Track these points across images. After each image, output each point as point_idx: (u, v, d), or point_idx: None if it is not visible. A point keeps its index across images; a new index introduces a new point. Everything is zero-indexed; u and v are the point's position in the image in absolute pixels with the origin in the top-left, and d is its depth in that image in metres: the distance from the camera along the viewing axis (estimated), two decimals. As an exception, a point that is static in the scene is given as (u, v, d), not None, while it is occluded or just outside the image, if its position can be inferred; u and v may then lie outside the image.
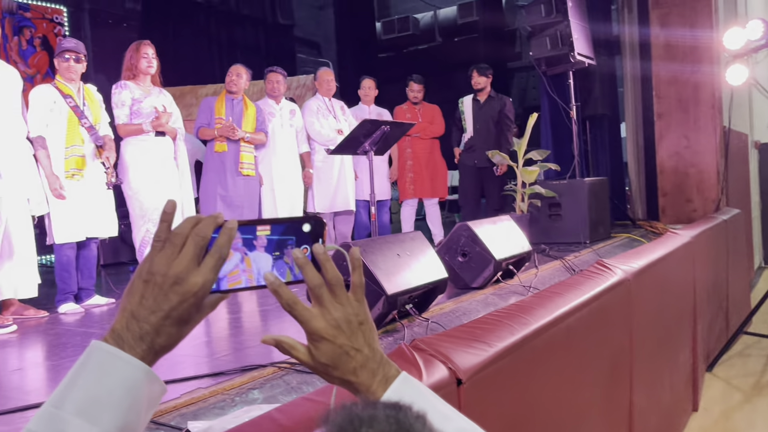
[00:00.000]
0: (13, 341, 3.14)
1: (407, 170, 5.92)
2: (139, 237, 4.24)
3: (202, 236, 0.70)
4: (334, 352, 0.76)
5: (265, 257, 0.78)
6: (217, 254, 0.70)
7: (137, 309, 0.68)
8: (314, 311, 0.76)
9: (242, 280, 0.77)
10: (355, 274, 0.80)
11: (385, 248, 2.91)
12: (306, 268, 0.76)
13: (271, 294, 0.76)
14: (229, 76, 4.74)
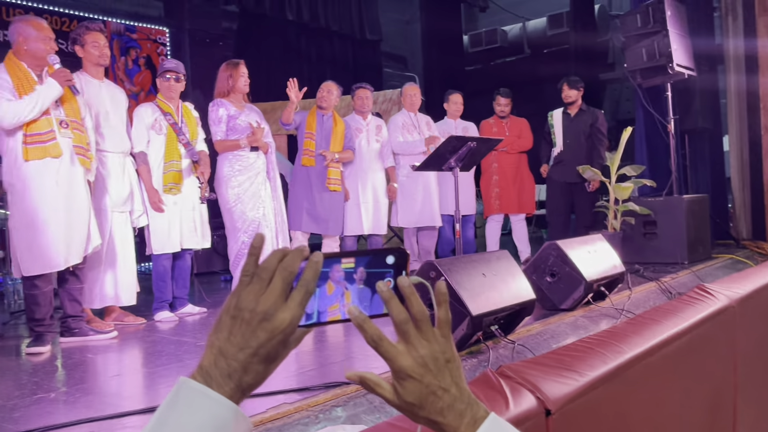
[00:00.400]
0: (113, 347, 3.31)
1: (493, 185, 5.81)
2: (234, 250, 4.37)
3: (290, 271, 0.69)
4: (420, 391, 0.73)
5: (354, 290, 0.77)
6: (304, 289, 0.69)
7: (225, 345, 0.67)
8: (400, 348, 0.74)
9: (340, 315, 0.76)
10: (441, 310, 0.77)
11: (470, 267, 2.86)
12: (391, 302, 0.74)
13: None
14: (320, 93, 4.84)
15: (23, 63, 3.21)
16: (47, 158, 3.15)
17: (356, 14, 9.01)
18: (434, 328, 0.76)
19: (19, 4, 6.79)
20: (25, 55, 3.22)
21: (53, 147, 3.16)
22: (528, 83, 8.77)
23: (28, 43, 3.21)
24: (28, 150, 3.12)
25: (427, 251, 5.48)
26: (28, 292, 3.23)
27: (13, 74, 3.15)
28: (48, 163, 3.16)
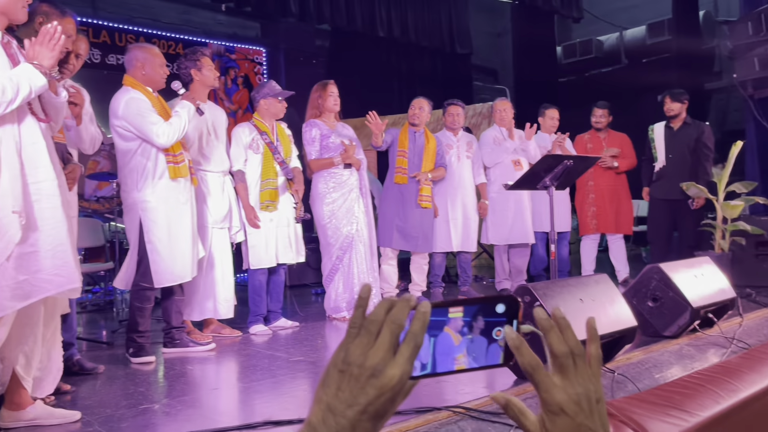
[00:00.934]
0: (211, 359, 3.44)
1: (589, 203, 5.58)
2: (328, 266, 4.45)
3: (398, 324, 0.67)
4: (571, 429, 0.70)
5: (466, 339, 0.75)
6: (413, 342, 0.67)
7: (333, 402, 0.66)
8: (556, 381, 0.71)
9: (464, 365, 0.74)
10: (592, 346, 0.74)
11: (566, 292, 2.76)
12: (522, 348, 0.71)
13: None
14: (412, 109, 4.84)
15: (148, 87, 3.44)
16: (179, 178, 3.40)
17: (446, 28, 8.99)
18: (588, 365, 0.73)
19: (130, 30, 7.26)
20: (142, 79, 3.43)
21: (184, 168, 3.43)
22: (625, 94, 8.42)
23: (145, 68, 3.43)
24: (173, 169, 3.38)
25: (519, 270, 5.35)
26: (139, 305, 3.40)
27: (148, 96, 3.39)
28: (180, 182, 3.41)
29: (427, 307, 0.70)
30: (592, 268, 5.65)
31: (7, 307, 2.11)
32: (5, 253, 2.11)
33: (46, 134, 2.29)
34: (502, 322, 0.77)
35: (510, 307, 0.77)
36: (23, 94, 2.12)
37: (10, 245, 2.12)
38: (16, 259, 2.13)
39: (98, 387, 2.83)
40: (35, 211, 2.18)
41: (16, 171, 2.14)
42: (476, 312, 0.76)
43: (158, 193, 3.36)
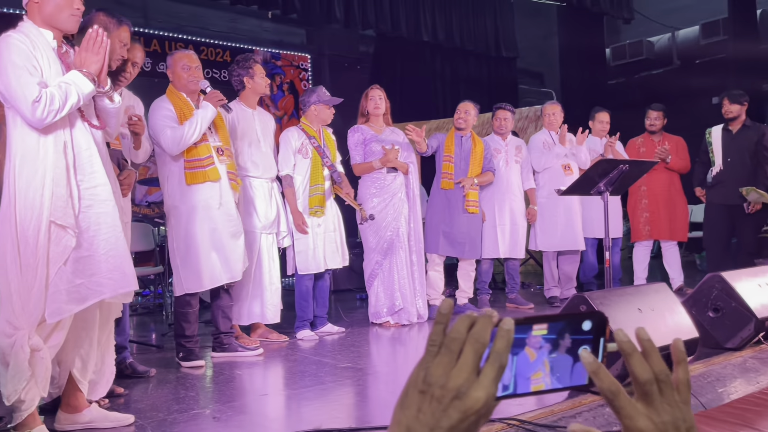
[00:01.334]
0: (259, 364, 3.44)
1: (642, 209, 5.40)
2: (368, 269, 4.45)
3: (482, 342, 0.63)
4: None
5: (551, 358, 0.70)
6: (497, 363, 0.63)
7: (413, 424, 0.62)
8: (640, 408, 0.66)
9: (543, 384, 0.70)
10: (680, 369, 0.69)
11: (624, 301, 2.66)
12: (601, 372, 0.66)
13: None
14: (457, 114, 4.77)
15: (182, 93, 3.46)
16: (208, 182, 3.36)
17: (492, 32, 8.89)
18: (675, 391, 0.68)
19: (180, 38, 7.40)
20: (179, 85, 3.47)
21: (212, 172, 3.38)
22: (677, 97, 8.17)
23: (176, 73, 3.47)
24: (189, 175, 3.35)
25: (568, 277, 5.22)
26: (181, 310, 3.43)
27: (175, 103, 3.41)
28: (210, 187, 3.37)
29: (510, 324, 0.66)
30: (644, 275, 5.48)
31: (65, 310, 2.15)
32: (62, 258, 2.15)
33: (99, 140, 2.32)
34: (588, 340, 0.73)
35: (597, 325, 0.73)
36: (71, 101, 2.14)
37: (67, 250, 2.15)
38: (73, 263, 2.16)
39: (150, 390, 2.86)
40: (90, 216, 2.21)
41: (64, 179, 2.17)
42: (562, 329, 0.72)
43: (185, 199, 3.37)
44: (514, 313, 4.83)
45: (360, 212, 4.24)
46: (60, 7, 2.21)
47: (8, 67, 2.12)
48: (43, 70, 2.17)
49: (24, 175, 2.15)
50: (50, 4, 2.20)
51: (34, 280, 2.13)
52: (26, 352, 2.10)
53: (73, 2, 2.21)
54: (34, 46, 2.17)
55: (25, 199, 2.14)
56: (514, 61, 9.58)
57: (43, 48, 2.20)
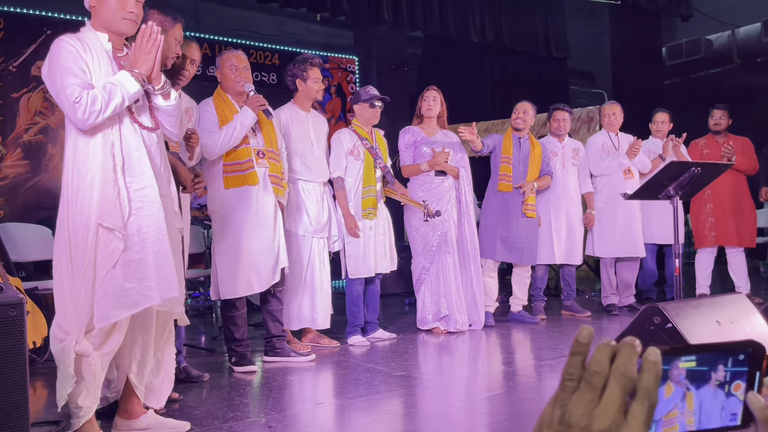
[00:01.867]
0: (311, 370, 3.38)
1: (707, 214, 5.13)
2: (416, 273, 4.36)
3: (629, 377, 0.53)
4: None
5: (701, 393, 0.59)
6: (647, 401, 0.53)
7: None
8: None
9: (678, 425, 0.59)
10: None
11: (700, 313, 2.49)
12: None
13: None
14: (515, 113, 4.60)
15: (228, 95, 3.43)
16: (245, 186, 3.31)
17: (542, 32, 8.70)
18: None
19: (230, 42, 7.45)
20: (226, 86, 3.44)
21: (251, 176, 3.32)
22: (738, 97, 7.82)
23: (224, 74, 3.43)
24: (227, 179, 3.32)
25: (627, 284, 5.01)
26: (227, 313, 3.40)
27: (218, 107, 3.38)
28: (247, 191, 3.32)
29: (657, 356, 0.56)
30: (707, 283, 5.22)
31: (113, 315, 2.11)
32: (111, 261, 2.11)
33: (151, 141, 2.26)
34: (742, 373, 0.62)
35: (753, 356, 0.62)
36: (115, 102, 2.10)
37: (116, 253, 2.11)
38: (123, 267, 2.12)
39: (204, 396, 2.83)
40: (141, 219, 2.17)
41: (112, 181, 2.14)
42: (713, 361, 0.61)
43: (223, 203, 3.33)
44: (571, 321, 4.69)
45: (424, 210, 4.15)
46: (113, 11, 2.20)
47: (55, 70, 2.13)
48: (93, 73, 2.16)
49: (75, 178, 2.14)
50: (105, 8, 2.20)
51: (83, 284, 2.11)
52: (71, 358, 2.08)
53: (126, 5, 2.19)
54: (86, 49, 2.16)
55: (76, 202, 2.13)
56: (564, 62, 9.36)
57: (97, 51, 2.19)
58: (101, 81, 2.15)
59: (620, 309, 4.95)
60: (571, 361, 0.55)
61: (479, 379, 3.23)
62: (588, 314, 4.83)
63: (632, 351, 0.55)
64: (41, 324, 3.66)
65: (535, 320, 4.61)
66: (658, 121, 5.19)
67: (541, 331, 4.34)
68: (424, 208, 4.15)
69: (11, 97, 6.00)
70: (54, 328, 2.16)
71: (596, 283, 6.61)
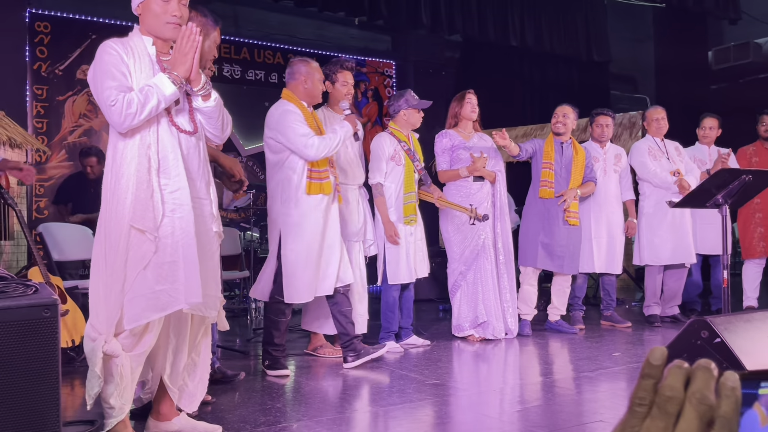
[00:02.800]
0: (344, 376, 3.34)
1: (755, 223, 4.93)
2: (452, 279, 4.30)
3: (708, 404, 0.48)
4: None
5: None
6: (727, 431, 0.48)
7: None
8: None
9: None
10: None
11: (751, 327, 2.38)
12: None
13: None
14: (555, 118, 4.48)
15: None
16: (321, 194, 3.35)
17: (583, 36, 8.54)
18: None
19: (268, 46, 7.52)
20: (302, 92, 3.45)
21: (327, 185, 3.37)
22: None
23: (308, 82, 3.46)
24: (311, 185, 3.33)
25: (674, 294, 4.82)
26: (274, 317, 3.38)
27: (302, 110, 3.40)
28: (322, 199, 3.36)
29: (735, 381, 0.50)
30: (755, 295, 5.03)
31: (143, 317, 2.10)
32: (142, 263, 2.11)
33: (188, 144, 2.25)
34: None
35: None
36: (151, 105, 2.10)
37: (147, 255, 2.11)
38: (155, 269, 2.11)
39: (237, 400, 2.82)
40: (174, 221, 2.16)
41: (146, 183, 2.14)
42: None
43: (300, 208, 3.33)
44: (610, 332, 4.56)
45: (471, 213, 4.09)
46: (157, 16, 2.21)
47: (98, 74, 2.15)
48: (135, 76, 2.16)
49: (113, 180, 2.16)
50: (149, 15, 2.22)
51: (115, 284, 2.11)
52: (99, 357, 2.09)
53: (168, 9, 2.20)
54: (130, 52, 2.17)
55: (113, 203, 2.15)
56: (606, 66, 9.18)
57: (140, 55, 2.20)
58: (141, 83, 2.16)
59: (662, 320, 4.79)
60: (642, 384, 0.50)
61: (515, 389, 3.15)
62: (628, 325, 4.69)
63: (709, 375, 0.50)
64: (80, 323, 3.71)
65: (574, 330, 4.50)
66: (706, 126, 5.01)
67: (580, 341, 4.22)
68: (471, 212, 4.09)
69: (57, 99, 6.16)
70: (88, 328, 2.17)
71: (636, 292, 6.44)
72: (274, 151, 3.40)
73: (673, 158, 4.72)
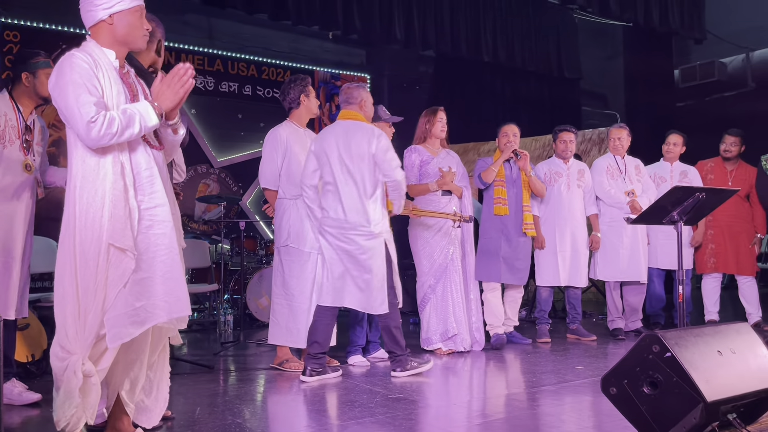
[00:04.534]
0: (310, 390, 3.35)
1: (707, 240, 5.07)
2: (421, 293, 4.34)
3: None
4: None
5: None
6: None
7: None
8: None
9: None
10: None
11: (702, 342, 2.45)
12: None
13: None
14: (505, 138, 4.56)
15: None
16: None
17: (554, 53, 8.70)
18: None
19: (242, 58, 7.52)
20: (364, 114, 3.71)
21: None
22: (752, 121, 7.75)
23: (364, 110, 3.72)
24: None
25: (634, 308, 4.94)
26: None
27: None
28: None
29: None
30: (715, 309, 5.14)
31: (126, 334, 2.11)
32: (122, 281, 2.12)
33: (160, 161, 2.30)
34: None
35: None
36: (132, 130, 2.13)
37: (127, 272, 2.12)
38: (133, 286, 2.13)
39: (197, 416, 2.80)
40: (149, 237, 2.18)
41: (123, 201, 2.15)
42: None
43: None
44: (576, 345, 4.62)
45: (456, 218, 4.18)
46: (135, 27, 2.24)
47: (68, 86, 2.12)
48: (104, 90, 2.17)
49: (84, 196, 2.14)
50: (125, 25, 2.22)
51: (92, 304, 2.11)
52: (79, 378, 2.07)
53: (143, 22, 2.27)
54: (97, 65, 2.18)
55: (85, 221, 2.13)
56: (577, 83, 9.35)
57: (106, 68, 2.20)
58: (113, 99, 2.18)
59: (627, 334, 4.87)
60: None
61: (478, 403, 3.18)
62: (594, 338, 4.76)
63: None
64: (42, 337, 3.67)
65: (527, 341, 4.59)
66: (670, 142, 5.13)
67: (545, 354, 4.28)
68: (455, 215, 4.16)
69: (25, 109, 6.09)
70: (55, 347, 2.15)
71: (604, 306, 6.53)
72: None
73: (631, 177, 4.83)
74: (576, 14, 8.82)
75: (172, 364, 3.77)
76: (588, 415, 2.88)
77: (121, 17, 2.22)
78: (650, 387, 2.31)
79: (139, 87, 2.34)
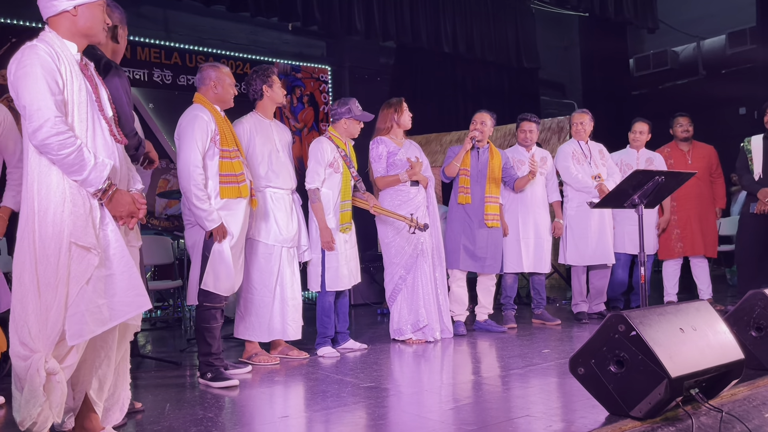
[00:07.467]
0: (280, 382, 3.33)
1: (672, 225, 5.22)
2: (392, 284, 4.34)
3: None
4: None
5: None
6: None
7: None
8: None
9: None
10: None
11: (665, 321, 2.52)
12: None
13: None
14: (473, 125, 4.61)
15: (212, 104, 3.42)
16: (239, 198, 3.35)
17: (513, 43, 8.79)
18: None
19: (200, 51, 7.40)
20: (213, 97, 3.41)
21: (244, 188, 3.37)
22: (703, 107, 8.01)
23: (218, 88, 3.43)
24: (224, 189, 3.33)
25: (599, 292, 5.05)
26: (207, 324, 3.31)
27: (213, 113, 3.36)
28: (239, 203, 3.37)
29: None
30: (675, 291, 5.30)
31: (87, 331, 2.06)
32: (84, 277, 2.07)
33: (121, 154, 2.26)
34: None
35: None
36: (77, 168, 2.07)
37: (90, 269, 2.07)
38: (95, 283, 2.08)
39: (167, 410, 2.76)
40: (108, 234, 2.13)
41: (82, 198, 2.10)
42: None
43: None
44: (541, 330, 4.71)
45: (412, 223, 4.14)
46: (98, 19, 2.21)
47: (29, 77, 2.06)
48: (66, 84, 2.11)
49: (42, 191, 2.08)
50: (90, 18, 2.18)
51: (53, 300, 2.05)
52: (42, 377, 2.01)
53: (104, 17, 2.25)
54: (59, 58, 2.12)
55: (45, 217, 2.07)
56: (535, 72, 9.47)
57: (68, 60, 2.14)
58: (74, 93, 2.12)
59: (590, 317, 4.99)
60: None
61: (447, 388, 3.22)
62: (558, 322, 4.86)
63: None
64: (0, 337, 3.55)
65: (502, 329, 4.63)
66: (636, 130, 5.24)
67: (511, 339, 4.35)
68: (410, 221, 4.14)
69: (-26, 105, 5.87)
70: (16, 347, 2.08)
71: (567, 291, 6.66)
72: None
73: (596, 161, 4.93)
74: (533, 5, 8.93)
75: (138, 361, 3.76)
76: (556, 396, 2.94)
77: (85, 9, 2.18)
78: (617, 365, 2.37)
79: (98, 80, 2.29)
